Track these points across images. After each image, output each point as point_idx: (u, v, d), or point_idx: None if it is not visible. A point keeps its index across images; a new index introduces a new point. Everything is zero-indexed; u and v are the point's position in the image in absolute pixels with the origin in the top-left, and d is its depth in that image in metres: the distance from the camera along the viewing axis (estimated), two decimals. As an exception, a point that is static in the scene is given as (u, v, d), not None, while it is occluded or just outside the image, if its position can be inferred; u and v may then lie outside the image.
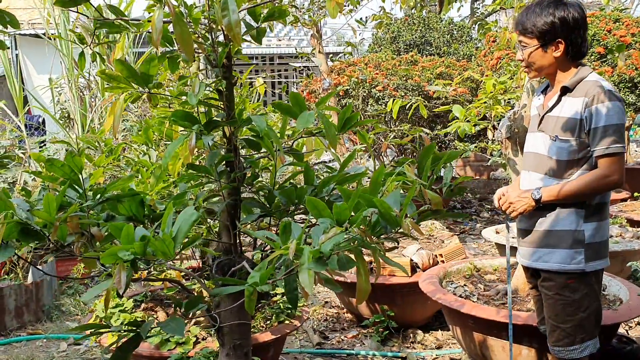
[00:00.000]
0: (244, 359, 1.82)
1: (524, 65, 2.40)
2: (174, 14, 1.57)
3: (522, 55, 2.37)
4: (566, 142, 2.27)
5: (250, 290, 1.35)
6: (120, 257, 1.16)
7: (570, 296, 2.30)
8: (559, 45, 2.29)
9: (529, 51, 2.33)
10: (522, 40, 2.35)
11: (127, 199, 1.52)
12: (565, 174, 2.29)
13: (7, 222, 1.27)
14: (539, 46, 2.30)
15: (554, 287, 2.33)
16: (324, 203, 1.34)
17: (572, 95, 2.29)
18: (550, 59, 2.32)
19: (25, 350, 3.95)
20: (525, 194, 2.33)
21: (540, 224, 2.36)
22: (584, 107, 2.22)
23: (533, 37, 2.31)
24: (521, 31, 2.34)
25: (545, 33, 2.28)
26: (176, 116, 1.65)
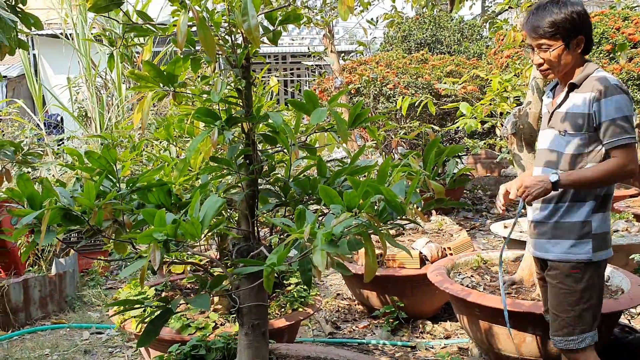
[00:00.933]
0: (261, 337, 1.96)
1: (545, 67, 2.37)
2: (198, 19, 1.71)
3: (540, 59, 2.35)
4: (575, 136, 2.32)
5: (269, 270, 1.49)
6: (154, 238, 1.31)
7: (573, 286, 2.35)
8: (579, 41, 2.30)
9: (556, 53, 2.30)
10: (543, 43, 2.31)
11: (155, 189, 1.67)
12: (575, 168, 2.33)
13: (52, 208, 1.42)
14: (564, 45, 2.29)
15: (558, 275, 2.38)
16: (336, 192, 1.47)
17: (579, 90, 2.32)
18: (572, 56, 2.32)
19: (50, 339, 4.13)
20: (541, 178, 2.31)
21: (552, 216, 2.40)
22: (591, 101, 2.26)
23: (557, 38, 2.28)
24: (541, 34, 2.30)
25: (568, 30, 2.26)
26: (199, 113, 1.79)
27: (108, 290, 5.19)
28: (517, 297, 3.17)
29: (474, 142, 4.16)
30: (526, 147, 3.21)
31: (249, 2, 1.70)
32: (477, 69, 6.40)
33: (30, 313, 4.39)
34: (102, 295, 4.91)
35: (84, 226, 1.51)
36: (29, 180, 1.53)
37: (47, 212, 1.41)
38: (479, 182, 9.81)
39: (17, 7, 4.60)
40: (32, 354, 3.85)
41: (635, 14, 6.78)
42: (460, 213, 8.03)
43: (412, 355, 3.70)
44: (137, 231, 1.59)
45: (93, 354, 3.88)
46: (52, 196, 1.44)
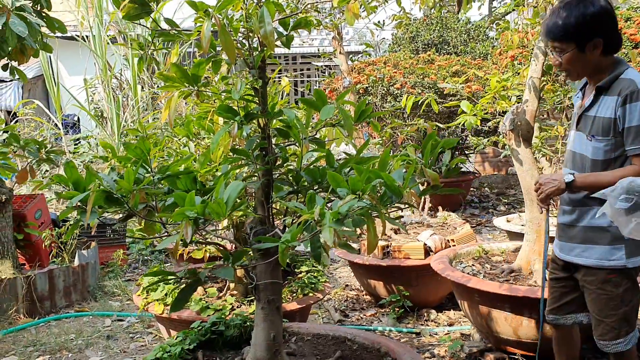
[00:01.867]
0: (275, 311, 2.18)
1: (563, 69, 2.34)
2: (220, 26, 1.93)
3: (556, 60, 2.32)
4: (602, 141, 2.26)
5: (283, 246, 1.71)
6: (186, 215, 1.52)
7: (613, 291, 2.30)
8: (597, 43, 2.23)
9: (568, 56, 2.26)
10: (556, 45, 2.28)
11: (183, 176, 1.89)
12: None
13: (96, 191, 1.64)
14: (576, 48, 2.24)
15: (596, 281, 2.33)
16: (342, 177, 1.69)
17: (608, 94, 2.26)
18: (589, 59, 2.26)
19: (74, 325, 4.37)
20: (555, 177, 2.31)
21: (581, 219, 2.36)
22: (617, 106, 2.20)
23: (569, 41, 2.24)
24: (553, 38, 2.28)
25: (581, 33, 2.22)
26: (221, 109, 2.01)
27: (127, 282, 5.43)
28: (515, 283, 3.36)
29: (479, 140, 4.35)
30: (523, 142, 3.41)
31: (265, 11, 1.91)
32: (482, 69, 6.59)
33: (55, 302, 4.63)
34: (122, 286, 5.15)
35: (123, 207, 1.73)
36: (74, 167, 1.75)
37: (92, 194, 1.63)
38: (486, 180, 9.99)
39: (42, 12, 4.85)
40: (58, 339, 4.09)
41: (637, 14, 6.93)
42: (467, 210, 8.21)
43: (417, 340, 3.90)
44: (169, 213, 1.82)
45: (115, 338, 4.12)
46: (96, 180, 1.66)
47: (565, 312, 2.55)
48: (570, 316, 2.55)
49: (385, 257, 4.29)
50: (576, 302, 2.52)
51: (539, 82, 3.39)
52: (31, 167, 4.87)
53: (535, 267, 3.43)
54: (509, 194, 9.31)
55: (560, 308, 2.56)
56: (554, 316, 2.59)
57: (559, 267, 2.54)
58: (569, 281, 2.51)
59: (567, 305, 2.54)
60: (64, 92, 9.84)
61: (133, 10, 2.04)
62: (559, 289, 2.56)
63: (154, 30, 2.12)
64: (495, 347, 3.48)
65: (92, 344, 4.02)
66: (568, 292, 2.52)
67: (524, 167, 3.42)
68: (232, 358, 2.42)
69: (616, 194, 1.91)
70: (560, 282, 2.54)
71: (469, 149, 8.63)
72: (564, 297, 2.54)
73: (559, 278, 2.55)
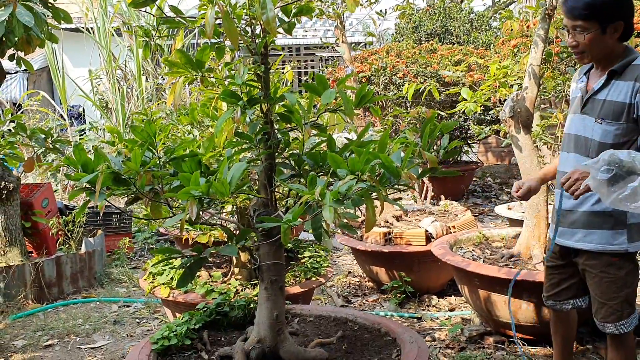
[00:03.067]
0: (278, 291, 2.24)
1: (579, 50, 2.30)
2: (223, 12, 1.98)
3: (574, 41, 2.28)
4: (612, 125, 2.26)
5: (285, 226, 1.77)
6: (191, 194, 1.58)
7: (617, 273, 2.32)
8: (618, 26, 2.21)
9: (590, 36, 2.22)
10: (578, 25, 2.23)
11: (188, 159, 1.95)
12: None
13: (105, 172, 1.70)
14: (600, 29, 2.21)
15: (599, 265, 2.35)
16: (342, 159, 1.74)
17: (621, 78, 2.25)
18: (608, 41, 2.24)
19: (82, 311, 4.45)
20: None
21: (582, 204, 2.37)
22: (634, 91, 2.20)
23: (592, 21, 2.20)
24: (577, 15, 2.22)
25: (606, 13, 2.19)
26: (225, 94, 2.07)
27: (133, 269, 5.51)
28: (514, 267, 3.42)
29: (480, 129, 4.40)
30: (523, 129, 3.45)
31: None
32: (484, 58, 6.62)
33: (63, 288, 4.71)
34: (128, 273, 5.23)
35: (130, 189, 1.79)
36: (83, 149, 1.81)
37: (101, 175, 1.69)
38: (489, 170, 10.02)
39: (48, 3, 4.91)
40: (66, 324, 4.17)
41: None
42: (470, 199, 8.26)
43: (418, 325, 3.96)
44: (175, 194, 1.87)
45: (122, 323, 4.19)
46: (104, 162, 1.72)
47: (564, 297, 2.58)
48: (568, 302, 2.58)
49: (387, 244, 4.35)
50: (574, 287, 2.54)
51: (539, 70, 3.43)
52: (38, 156, 4.95)
53: (535, 252, 3.48)
54: (512, 184, 9.34)
55: (558, 294, 2.59)
56: (553, 302, 2.62)
57: (556, 254, 2.55)
58: (567, 268, 2.53)
59: (565, 291, 2.57)
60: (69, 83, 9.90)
61: (139, -3, 2.09)
62: (557, 276, 2.57)
63: (159, 18, 2.17)
64: (495, 330, 3.55)
65: (99, 329, 4.10)
66: (566, 278, 2.55)
67: (524, 153, 3.46)
68: (236, 337, 2.49)
69: (598, 165, 1.96)
70: (558, 269, 2.57)
71: (471, 138, 8.66)
72: (563, 284, 2.56)
73: (557, 265, 2.57)
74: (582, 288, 2.52)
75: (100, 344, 3.88)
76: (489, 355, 3.37)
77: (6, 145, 4.80)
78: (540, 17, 3.42)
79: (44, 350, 3.77)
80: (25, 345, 3.83)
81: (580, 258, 2.44)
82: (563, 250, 2.51)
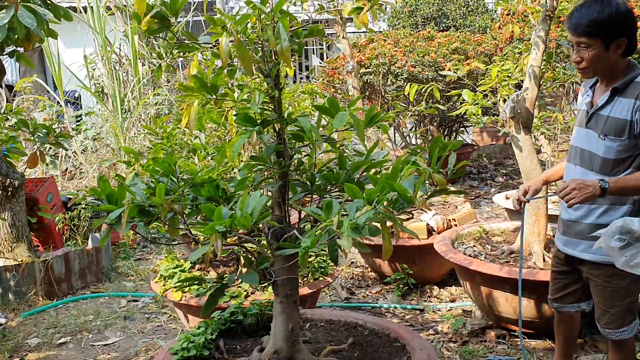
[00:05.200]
0: (293, 305, 2.34)
1: (582, 66, 2.35)
2: (237, 41, 2.04)
3: (578, 57, 2.33)
4: (615, 141, 2.32)
5: (304, 251, 1.85)
6: (216, 230, 1.66)
7: (619, 283, 2.38)
8: (621, 43, 2.27)
9: (594, 53, 2.28)
10: (582, 41, 2.29)
11: (207, 185, 2.02)
12: (612, 172, 2.35)
13: (131, 205, 1.77)
14: (603, 46, 2.26)
15: (602, 275, 2.41)
16: (358, 188, 1.82)
17: (623, 95, 2.31)
18: (611, 57, 2.30)
19: (92, 306, 4.55)
20: (589, 182, 2.28)
21: (587, 216, 2.44)
22: (634, 109, 2.26)
23: (596, 37, 2.26)
24: (582, 32, 2.28)
25: (610, 30, 2.24)
26: (240, 119, 2.13)
27: (137, 261, 5.61)
28: (515, 265, 3.53)
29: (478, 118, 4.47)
30: (523, 129, 3.53)
31: (281, 27, 2.02)
32: (482, 45, 6.65)
33: (72, 283, 4.81)
34: (134, 266, 5.33)
35: (153, 218, 1.87)
36: (107, 181, 1.88)
37: (127, 210, 1.77)
38: (484, 150, 10.10)
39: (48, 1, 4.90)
40: (77, 320, 4.27)
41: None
42: (466, 182, 8.36)
43: (421, 317, 4.09)
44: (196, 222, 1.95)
45: (132, 319, 4.30)
46: (127, 195, 1.79)
47: (568, 301, 2.68)
48: (573, 305, 2.68)
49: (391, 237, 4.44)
50: (579, 292, 2.64)
51: (539, 71, 3.49)
52: (41, 151, 5.00)
53: (534, 248, 3.59)
54: (507, 164, 9.45)
55: (563, 298, 2.69)
56: (558, 304, 2.72)
57: (562, 260, 2.64)
58: (572, 274, 2.62)
59: (569, 295, 2.66)
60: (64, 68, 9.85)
61: (154, 24, 2.14)
62: (562, 281, 2.67)
63: (173, 43, 2.21)
64: (497, 324, 3.67)
65: (111, 325, 4.21)
66: (571, 283, 2.64)
67: (524, 153, 3.55)
68: (251, 345, 2.59)
69: (610, 233, 2.06)
70: (563, 274, 2.66)
71: (468, 121, 8.73)
72: (567, 288, 2.66)
73: (562, 271, 2.66)
74: (587, 293, 2.61)
75: (112, 340, 3.99)
76: (491, 349, 3.50)
77: (8, 140, 4.84)
78: (541, 19, 3.47)
79: (58, 349, 3.88)
80: (39, 344, 3.93)
81: (584, 267, 2.52)
82: (568, 258, 2.59)
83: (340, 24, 4.51)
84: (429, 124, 7.73)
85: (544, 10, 3.47)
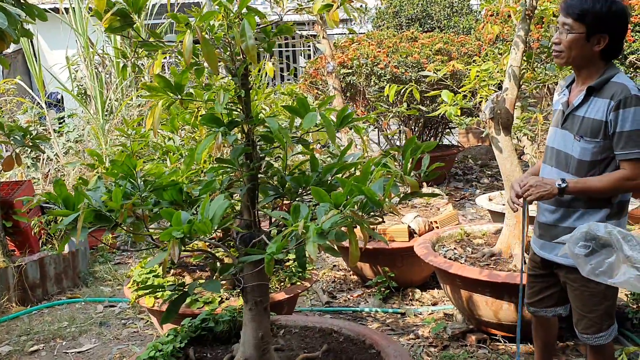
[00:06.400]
0: (263, 312, 2.26)
1: (558, 49, 2.30)
2: (202, 38, 1.96)
3: (557, 38, 2.30)
4: (590, 143, 2.27)
5: (269, 258, 1.78)
6: (174, 236, 1.58)
7: (596, 287, 2.32)
8: (602, 39, 2.23)
9: (573, 37, 2.24)
10: (567, 23, 2.25)
11: (169, 188, 1.94)
12: (587, 174, 2.30)
13: (86, 210, 1.69)
14: (585, 34, 2.22)
15: (579, 279, 2.32)
16: (325, 191, 1.75)
17: (599, 95, 2.27)
18: (588, 50, 2.25)
19: (67, 312, 4.45)
20: (547, 181, 2.30)
21: (563, 219, 2.39)
22: (609, 109, 2.22)
23: (581, 23, 2.22)
24: (570, 13, 2.24)
25: (596, 22, 2.20)
26: (205, 120, 2.05)
27: (117, 265, 5.51)
28: (495, 267, 3.48)
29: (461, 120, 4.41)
30: (503, 130, 3.48)
31: (247, 25, 1.95)
32: (465, 45, 6.61)
33: (47, 289, 4.70)
34: (112, 270, 5.22)
35: (111, 223, 1.79)
36: (63, 185, 1.80)
37: (82, 215, 1.69)
38: (470, 151, 10.08)
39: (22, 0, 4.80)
40: (51, 326, 4.17)
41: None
42: (451, 183, 8.32)
43: (402, 321, 4.03)
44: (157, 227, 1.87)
45: (108, 325, 4.20)
46: (84, 200, 1.71)
47: (545, 305, 2.62)
48: (550, 309, 2.62)
49: (370, 240, 4.38)
50: (556, 296, 2.59)
51: (519, 71, 3.44)
52: (17, 154, 4.89)
53: (515, 251, 3.54)
54: (493, 166, 9.43)
55: (540, 302, 2.63)
56: (534, 308, 2.66)
57: (538, 264, 2.59)
58: (548, 277, 2.57)
59: (547, 299, 2.61)
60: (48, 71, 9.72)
61: (115, 22, 2.05)
62: (539, 284, 2.61)
63: (137, 41, 2.14)
64: (477, 328, 3.62)
65: (86, 331, 4.11)
66: (548, 287, 2.59)
67: (504, 154, 3.50)
68: (222, 353, 2.51)
69: (574, 239, 2.00)
70: (540, 277, 2.60)
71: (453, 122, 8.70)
72: (544, 292, 2.60)
73: (538, 274, 2.61)
74: (563, 297, 2.56)
75: (86, 347, 3.89)
76: (471, 353, 3.45)
77: (-18, 142, 4.73)
78: (521, 18, 3.43)
79: (29, 357, 3.78)
80: (10, 352, 3.83)
81: (561, 271, 2.47)
82: (545, 261, 2.54)
83: (321, 24, 4.44)
84: (413, 126, 7.68)
85: (523, 9, 3.42)
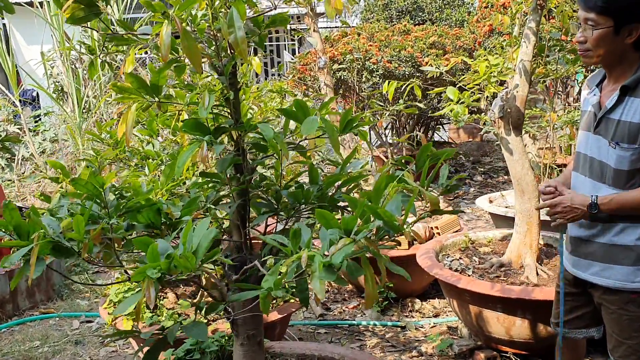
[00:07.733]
0: (257, 347, 1.96)
1: (584, 48, 2.03)
2: (182, 30, 1.64)
3: (582, 36, 2.02)
4: (628, 150, 1.99)
5: (265, 294, 1.48)
6: (149, 275, 1.27)
7: (637, 311, 2.08)
8: (634, 30, 1.94)
9: (599, 33, 1.96)
10: (590, 18, 1.97)
11: (145, 209, 1.63)
12: (627, 185, 2.02)
13: (41, 242, 1.37)
14: (613, 27, 1.94)
15: (617, 301, 2.11)
16: (332, 215, 1.44)
17: (634, 95, 1.98)
18: (619, 45, 1.97)
19: (40, 329, 4.10)
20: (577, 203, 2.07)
21: (599, 235, 2.13)
22: None
23: (607, 16, 1.94)
24: (592, 7, 1.96)
25: (623, 12, 1.93)
26: (187, 126, 1.74)
27: (95, 274, 5.16)
28: (506, 280, 3.20)
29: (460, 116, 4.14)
30: (513, 130, 3.19)
31: (235, 13, 1.64)
32: (460, 39, 6.33)
33: (18, 304, 4.35)
34: (90, 280, 4.88)
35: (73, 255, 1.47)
36: (14, 209, 1.48)
37: (36, 247, 1.37)
38: (462, 148, 9.83)
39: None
40: (21, 346, 3.83)
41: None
42: (444, 181, 8.06)
43: (403, 335, 3.75)
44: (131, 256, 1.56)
45: (84, 344, 3.87)
46: (40, 229, 1.39)
47: (576, 326, 2.34)
48: (581, 331, 2.34)
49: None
50: (588, 317, 2.31)
51: (530, 66, 3.16)
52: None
53: (527, 261, 3.26)
54: (485, 162, 9.20)
55: (569, 322, 2.35)
56: (564, 329, 2.38)
57: (570, 281, 2.31)
58: (580, 296, 2.29)
59: (578, 319, 2.33)
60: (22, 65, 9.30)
61: (78, 11, 1.73)
62: (569, 303, 2.32)
63: (106, 34, 1.81)
64: (486, 344, 3.34)
65: (59, 351, 3.78)
66: (579, 306, 2.31)
67: (514, 156, 3.22)
68: (209, 390, 2.21)
69: None
70: (571, 296, 2.32)
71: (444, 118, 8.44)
72: (575, 312, 2.32)
73: (569, 293, 2.32)
74: (597, 318, 2.27)
75: (60, 370, 3.57)
76: (481, 373, 3.17)
77: (-51, 145, 4.36)
78: (532, 8, 3.14)
79: (-3, 383, 3.44)
80: (-25, 378, 3.49)
81: (596, 291, 2.19)
82: (577, 279, 2.25)
83: (311, 16, 4.13)
84: (405, 122, 7.40)
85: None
